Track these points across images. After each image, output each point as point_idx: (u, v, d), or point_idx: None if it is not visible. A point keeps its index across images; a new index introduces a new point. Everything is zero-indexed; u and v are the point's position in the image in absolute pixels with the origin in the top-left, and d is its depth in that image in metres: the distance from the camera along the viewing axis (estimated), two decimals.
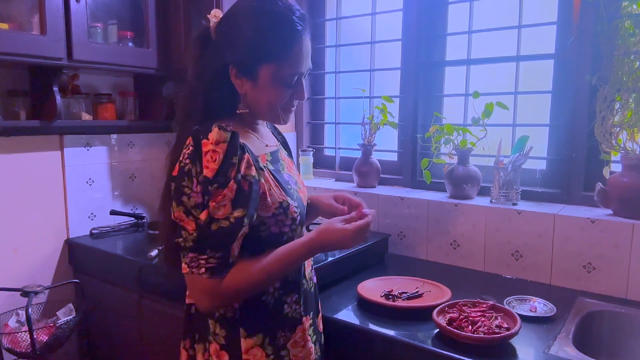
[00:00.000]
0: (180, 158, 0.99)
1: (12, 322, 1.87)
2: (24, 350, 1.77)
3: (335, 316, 1.39)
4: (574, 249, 1.61)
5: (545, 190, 1.84)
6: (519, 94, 1.92)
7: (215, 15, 1.05)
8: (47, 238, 2.09)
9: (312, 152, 2.42)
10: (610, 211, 1.62)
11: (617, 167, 1.67)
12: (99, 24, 2.00)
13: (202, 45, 1.07)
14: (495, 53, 1.96)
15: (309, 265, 1.21)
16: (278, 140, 1.26)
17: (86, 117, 2.10)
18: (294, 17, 1.00)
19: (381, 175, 2.19)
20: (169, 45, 2.12)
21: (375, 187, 2.18)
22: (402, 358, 1.25)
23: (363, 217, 1.08)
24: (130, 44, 2.09)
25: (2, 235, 1.94)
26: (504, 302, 1.44)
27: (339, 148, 2.47)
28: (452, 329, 1.22)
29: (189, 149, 0.98)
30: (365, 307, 1.44)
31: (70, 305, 1.99)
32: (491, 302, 1.35)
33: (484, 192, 1.91)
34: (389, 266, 1.87)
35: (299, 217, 1.10)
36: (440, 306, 1.33)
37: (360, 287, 1.52)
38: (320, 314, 1.27)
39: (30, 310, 1.71)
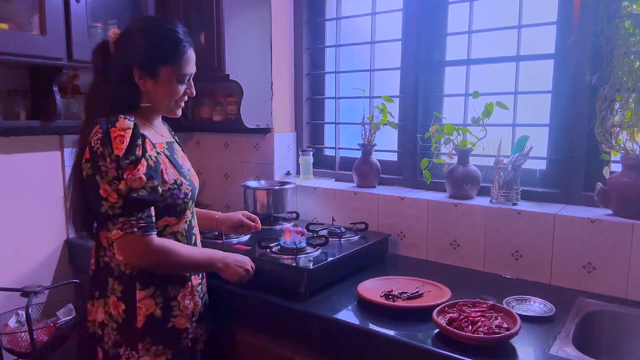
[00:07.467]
0: (92, 144, 1.23)
1: (12, 322, 1.87)
2: (24, 350, 1.77)
3: (335, 316, 1.39)
4: (574, 249, 1.61)
5: (545, 190, 1.84)
6: (519, 94, 1.91)
7: (114, 33, 1.33)
8: (47, 238, 2.09)
9: (312, 152, 2.42)
10: (610, 211, 1.62)
11: (617, 167, 1.67)
12: (98, 24, 2.00)
13: (103, 56, 1.34)
14: (495, 53, 1.96)
15: (199, 237, 1.51)
16: (173, 138, 1.53)
17: None
18: (181, 33, 1.34)
19: (381, 175, 2.19)
20: None
21: (375, 187, 2.18)
22: (402, 358, 1.25)
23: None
24: None
25: (2, 235, 1.94)
26: (503, 302, 1.44)
27: (339, 148, 2.47)
28: (452, 329, 1.22)
29: (97, 135, 1.22)
30: (365, 307, 1.44)
31: (70, 305, 1.99)
32: (491, 302, 1.35)
33: (484, 192, 1.91)
34: (389, 266, 1.86)
35: (190, 193, 1.39)
36: (440, 306, 1.33)
37: (360, 287, 1.52)
38: (205, 278, 1.52)
39: (30, 310, 1.71)
